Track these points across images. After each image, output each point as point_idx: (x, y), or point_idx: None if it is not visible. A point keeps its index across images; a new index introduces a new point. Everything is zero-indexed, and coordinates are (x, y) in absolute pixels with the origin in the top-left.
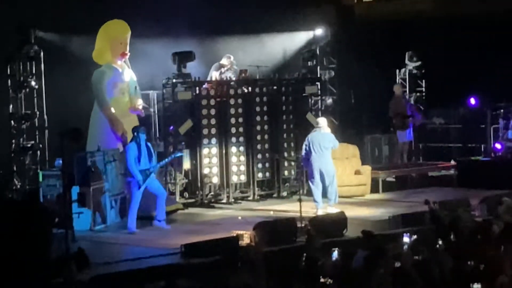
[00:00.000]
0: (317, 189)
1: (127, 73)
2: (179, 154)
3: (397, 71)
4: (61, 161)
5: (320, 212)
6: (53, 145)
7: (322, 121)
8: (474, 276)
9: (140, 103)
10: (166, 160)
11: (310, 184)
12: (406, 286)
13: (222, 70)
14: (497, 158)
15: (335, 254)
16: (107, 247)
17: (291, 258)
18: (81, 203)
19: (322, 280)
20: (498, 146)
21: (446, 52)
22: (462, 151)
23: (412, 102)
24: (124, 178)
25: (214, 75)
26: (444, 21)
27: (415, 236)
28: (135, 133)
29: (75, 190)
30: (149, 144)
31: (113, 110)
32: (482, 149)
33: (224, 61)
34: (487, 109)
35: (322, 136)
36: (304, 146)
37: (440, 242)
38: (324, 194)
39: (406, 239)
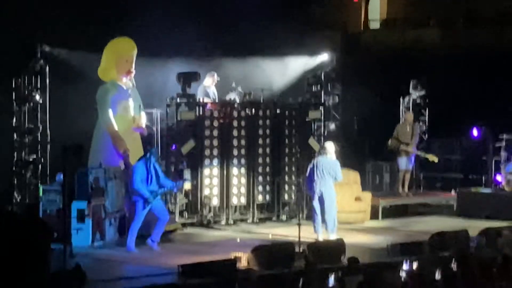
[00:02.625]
0: (317, 216)
1: (131, 91)
2: (182, 183)
3: (401, 99)
4: (62, 176)
5: (320, 238)
6: (55, 160)
7: (330, 146)
8: None
9: (143, 121)
10: (170, 187)
11: (312, 209)
12: None
13: (207, 90)
14: (498, 190)
15: (331, 281)
16: (105, 264)
17: (287, 282)
18: (81, 219)
19: None
20: (499, 178)
21: (450, 82)
22: (463, 182)
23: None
24: (127, 197)
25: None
26: (449, 50)
27: (414, 265)
28: (147, 154)
29: (75, 206)
30: (157, 166)
31: (116, 127)
32: (483, 180)
33: (206, 81)
34: (489, 141)
35: (328, 162)
36: (308, 169)
37: (437, 273)
38: (323, 221)
39: (405, 267)
